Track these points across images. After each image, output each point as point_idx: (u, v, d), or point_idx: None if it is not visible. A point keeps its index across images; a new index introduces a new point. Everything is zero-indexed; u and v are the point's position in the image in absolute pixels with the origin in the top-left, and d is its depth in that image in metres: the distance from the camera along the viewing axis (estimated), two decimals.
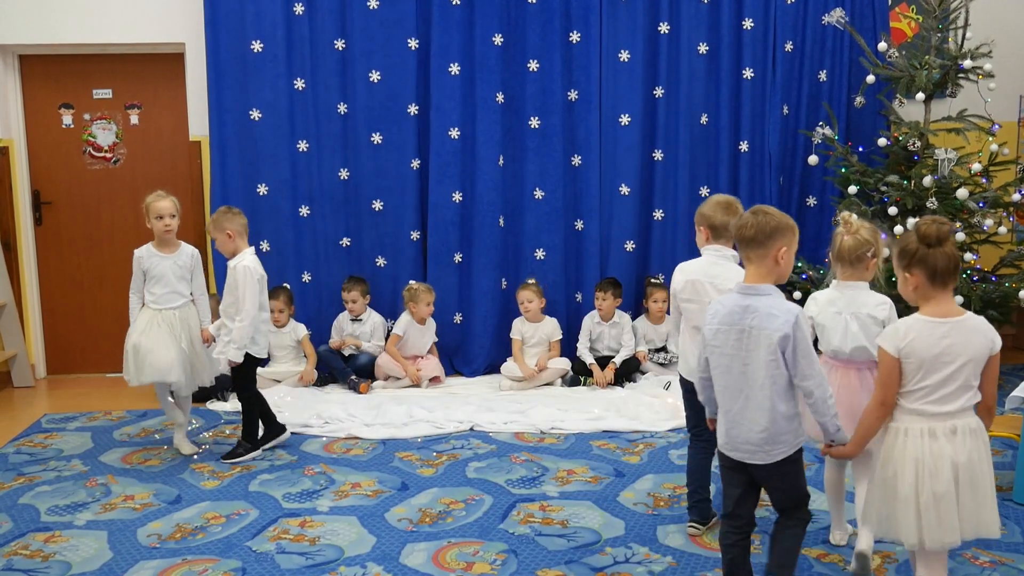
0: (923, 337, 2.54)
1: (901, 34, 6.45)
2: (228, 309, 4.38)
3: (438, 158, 5.90)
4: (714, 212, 3.32)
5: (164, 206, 4.36)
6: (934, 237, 2.53)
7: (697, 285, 3.30)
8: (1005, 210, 5.65)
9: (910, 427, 2.56)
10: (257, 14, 5.68)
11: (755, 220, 2.64)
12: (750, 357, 2.60)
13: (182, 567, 3.27)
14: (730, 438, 2.70)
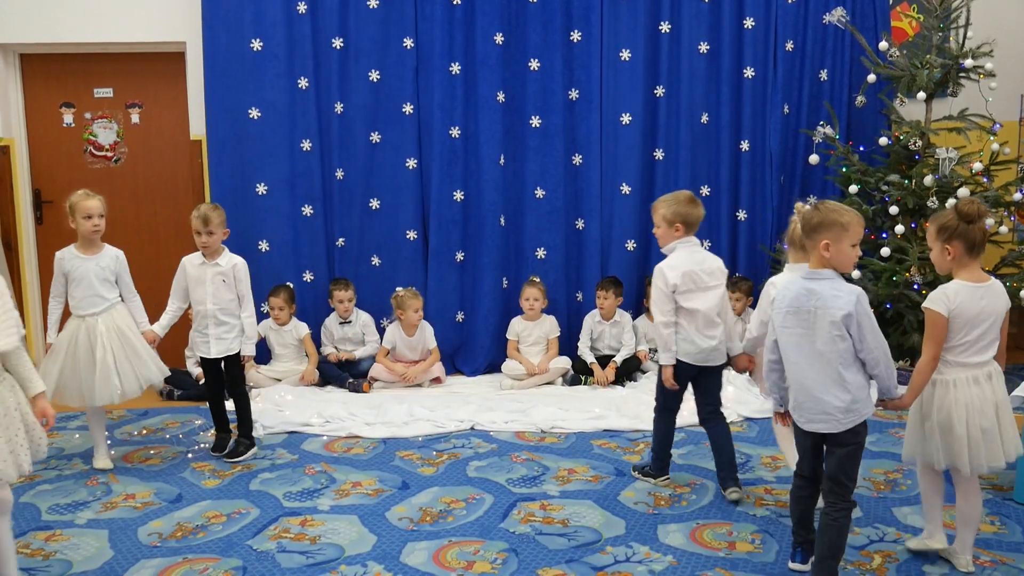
0: (967, 299, 2.99)
1: (902, 33, 6.45)
2: (228, 307, 4.38)
3: (440, 157, 5.90)
4: (690, 208, 3.77)
5: (93, 205, 4.16)
6: (974, 215, 3.00)
7: (692, 275, 3.72)
8: (1006, 209, 5.65)
9: (957, 378, 3.02)
10: (257, 13, 5.69)
11: (808, 214, 2.96)
12: (817, 335, 2.87)
13: (183, 566, 3.27)
14: (803, 410, 2.95)
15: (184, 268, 4.42)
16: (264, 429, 4.86)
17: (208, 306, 4.37)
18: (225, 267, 4.38)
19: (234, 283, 4.39)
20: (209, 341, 4.39)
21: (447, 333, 6.05)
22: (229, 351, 4.42)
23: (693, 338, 3.76)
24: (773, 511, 3.68)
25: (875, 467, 4.19)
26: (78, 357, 4.12)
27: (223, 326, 4.39)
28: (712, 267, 3.80)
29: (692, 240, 3.81)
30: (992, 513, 3.63)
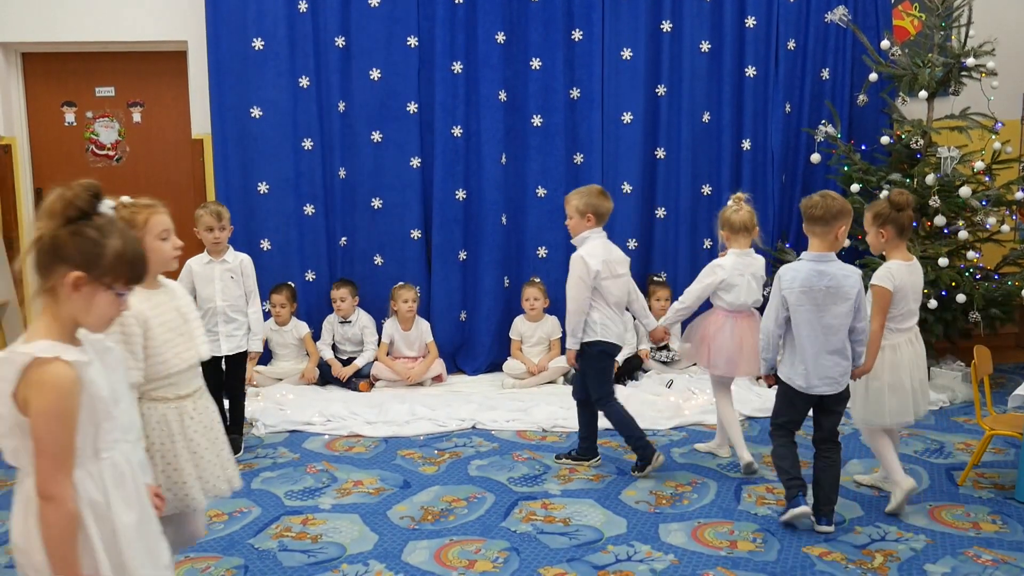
0: (905, 275, 3.56)
1: (904, 32, 6.44)
2: (237, 303, 4.40)
3: (442, 156, 5.90)
4: (600, 200, 4.07)
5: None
6: (904, 203, 3.56)
7: (608, 263, 4.01)
8: (1008, 208, 5.64)
9: (899, 341, 3.58)
10: (259, 12, 5.68)
11: (824, 203, 3.34)
12: (828, 311, 3.31)
13: (184, 564, 3.27)
14: (811, 376, 3.35)
15: (190, 269, 4.39)
16: (265, 428, 4.86)
17: (218, 303, 4.36)
18: (233, 264, 4.41)
19: (242, 279, 4.42)
20: (219, 339, 4.37)
21: (449, 332, 6.05)
22: (239, 348, 4.43)
23: (614, 320, 4.04)
24: (775, 510, 3.68)
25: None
26: None
27: (232, 323, 4.40)
28: (620, 257, 4.12)
29: (601, 232, 4.08)
30: (993, 512, 3.63)
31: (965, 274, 5.38)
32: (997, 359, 4.66)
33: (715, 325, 4.15)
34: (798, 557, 3.25)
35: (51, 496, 1.71)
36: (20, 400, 1.71)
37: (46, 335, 1.76)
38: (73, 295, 1.75)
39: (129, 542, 1.85)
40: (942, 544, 3.35)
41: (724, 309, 4.15)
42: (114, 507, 1.84)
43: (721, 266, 4.10)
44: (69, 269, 1.74)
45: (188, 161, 6.10)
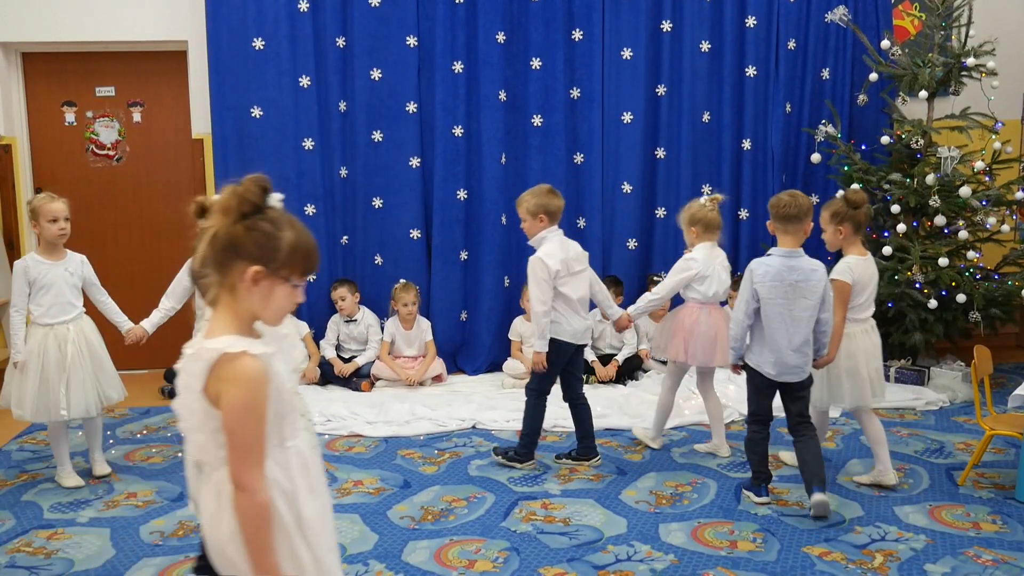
0: (862, 269, 3.80)
1: (904, 32, 6.44)
2: None
3: (442, 156, 5.90)
4: (548, 200, 4.08)
5: (59, 207, 3.94)
6: (860, 201, 3.77)
7: (566, 262, 4.03)
8: (1008, 208, 5.64)
9: (855, 330, 3.81)
10: (259, 11, 5.69)
11: (795, 201, 3.54)
12: (797, 304, 3.52)
13: (184, 564, 3.27)
14: (780, 365, 3.56)
15: (188, 266, 4.37)
16: None
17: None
18: None
19: None
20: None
21: (450, 332, 6.06)
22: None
23: (570, 320, 4.06)
24: (775, 510, 3.69)
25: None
26: (51, 368, 3.90)
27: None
28: (578, 252, 4.14)
29: (558, 230, 4.10)
30: (993, 512, 3.63)
31: (965, 274, 5.39)
32: (997, 359, 4.67)
33: (691, 318, 4.26)
34: (798, 557, 3.25)
35: (244, 487, 1.74)
36: (211, 395, 1.74)
37: (228, 330, 1.78)
38: (253, 289, 1.77)
39: (315, 530, 1.87)
40: (942, 544, 3.35)
41: (697, 301, 4.27)
42: (300, 496, 1.86)
43: (695, 259, 4.24)
44: (247, 264, 1.76)
45: (188, 161, 6.10)
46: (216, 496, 1.80)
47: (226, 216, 1.76)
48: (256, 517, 1.75)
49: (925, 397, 5.24)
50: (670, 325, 4.37)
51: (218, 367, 1.73)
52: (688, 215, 4.28)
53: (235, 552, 1.78)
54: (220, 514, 1.79)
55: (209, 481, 1.82)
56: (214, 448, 1.78)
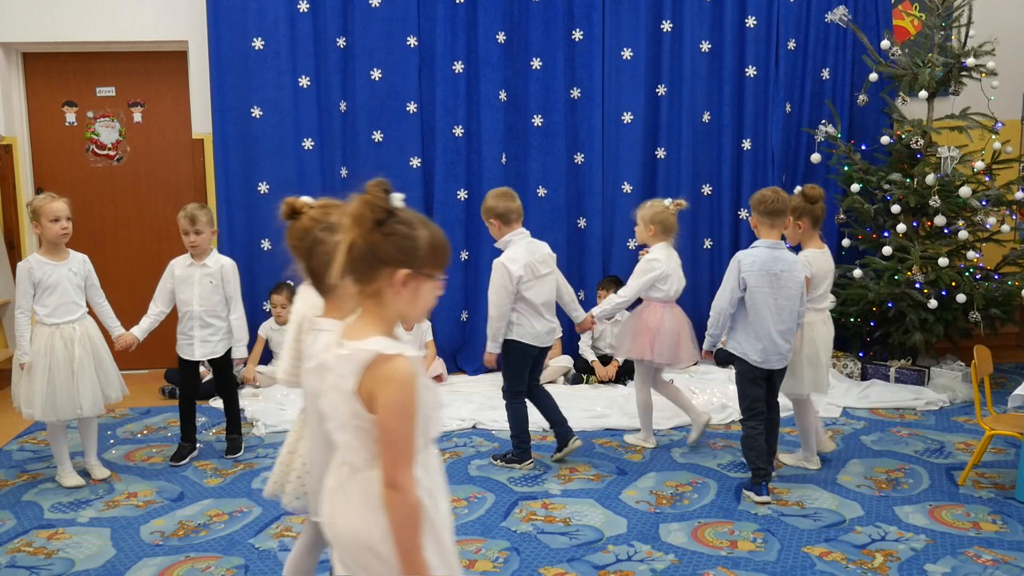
0: (820, 262, 4.01)
1: (904, 32, 6.44)
2: (215, 309, 4.27)
3: (443, 156, 5.91)
4: (496, 202, 4.07)
5: (60, 207, 3.94)
6: (817, 196, 3.98)
7: (531, 266, 4.07)
8: (1008, 208, 5.64)
9: (813, 320, 3.99)
10: (259, 11, 5.69)
11: (778, 197, 3.70)
12: (781, 292, 3.68)
13: (185, 564, 3.28)
14: (767, 354, 3.72)
15: (172, 270, 4.30)
16: (266, 428, 4.86)
17: (195, 307, 4.25)
18: (213, 268, 4.26)
19: (222, 284, 4.28)
20: (193, 343, 4.28)
21: (451, 332, 6.06)
22: (213, 354, 4.33)
23: (533, 323, 4.12)
24: (775, 510, 3.69)
25: (878, 466, 4.19)
26: (59, 367, 3.92)
27: (208, 328, 4.29)
28: (544, 254, 4.16)
29: (524, 232, 4.13)
30: (993, 512, 3.63)
31: (965, 274, 5.39)
32: (997, 359, 4.67)
33: (655, 317, 4.35)
34: (798, 557, 3.25)
35: (398, 486, 1.74)
36: (363, 395, 1.74)
37: (375, 333, 1.77)
38: (401, 292, 1.77)
39: (447, 528, 1.89)
40: (942, 544, 3.35)
41: (660, 300, 4.37)
42: (436, 495, 1.88)
43: (658, 260, 4.34)
44: (392, 269, 1.75)
45: (189, 161, 6.10)
46: (364, 496, 1.80)
47: (360, 226, 1.75)
48: (409, 516, 1.76)
49: (925, 397, 5.24)
50: (633, 325, 4.43)
51: (373, 368, 1.73)
52: (651, 213, 4.35)
53: (386, 551, 1.78)
54: (369, 514, 1.79)
55: (353, 481, 1.82)
56: (360, 448, 1.79)
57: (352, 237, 1.75)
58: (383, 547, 1.78)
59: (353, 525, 1.82)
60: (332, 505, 1.86)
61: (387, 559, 1.78)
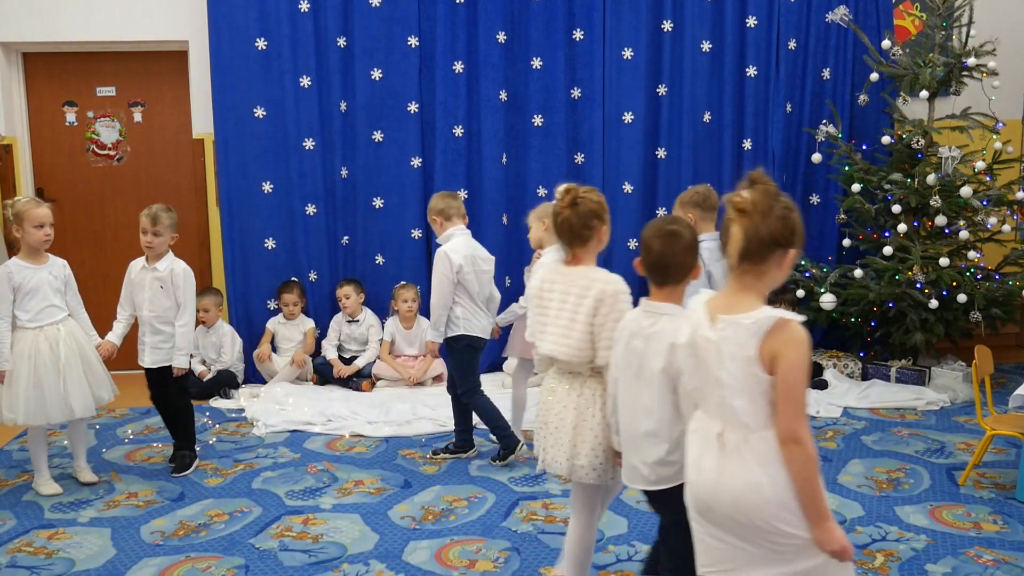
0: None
1: (905, 32, 6.43)
2: (165, 315, 4.13)
3: (443, 156, 5.90)
4: (438, 202, 4.25)
5: (45, 213, 3.88)
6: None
7: (472, 259, 4.17)
8: (1009, 208, 5.64)
9: None
10: (260, 11, 5.69)
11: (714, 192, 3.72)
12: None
13: (185, 564, 3.28)
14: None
15: (129, 273, 4.22)
16: (266, 428, 4.86)
17: (144, 313, 4.13)
18: (163, 272, 4.12)
19: (172, 289, 4.13)
20: (144, 349, 4.15)
21: None
22: (164, 362, 4.16)
23: (479, 316, 4.22)
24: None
25: (878, 466, 4.19)
26: (46, 369, 3.86)
27: (159, 335, 4.14)
28: (485, 255, 4.31)
29: (466, 231, 4.27)
30: (994, 512, 3.63)
31: (966, 274, 5.38)
32: (998, 359, 4.67)
33: None
34: None
35: (799, 440, 1.89)
36: (765, 359, 1.91)
37: (758, 304, 1.97)
38: (784, 269, 2.00)
39: None
40: (943, 544, 3.35)
41: None
42: None
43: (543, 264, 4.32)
44: (785, 250, 1.97)
45: (189, 161, 6.10)
46: (762, 454, 1.94)
47: (765, 216, 1.97)
48: (811, 466, 1.91)
49: (926, 397, 5.24)
50: (522, 326, 4.45)
51: (775, 332, 1.90)
52: (540, 211, 4.33)
53: (793, 502, 1.92)
54: (770, 469, 1.93)
55: (747, 445, 1.95)
56: (754, 411, 1.94)
57: (755, 224, 1.97)
58: (789, 498, 1.92)
59: (754, 483, 1.93)
60: (719, 470, 1.98)
61: (795, 509, 1.92)
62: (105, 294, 6.16)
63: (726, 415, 1.98)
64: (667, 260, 2.41)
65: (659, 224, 2.49)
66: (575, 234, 2.72)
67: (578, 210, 2.71)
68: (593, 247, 2.75)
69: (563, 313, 2.69)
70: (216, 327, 5.70)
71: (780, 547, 1.95)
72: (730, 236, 2.00)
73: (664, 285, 2.42)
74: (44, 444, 4.08)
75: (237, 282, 5.88)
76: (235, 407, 5.30)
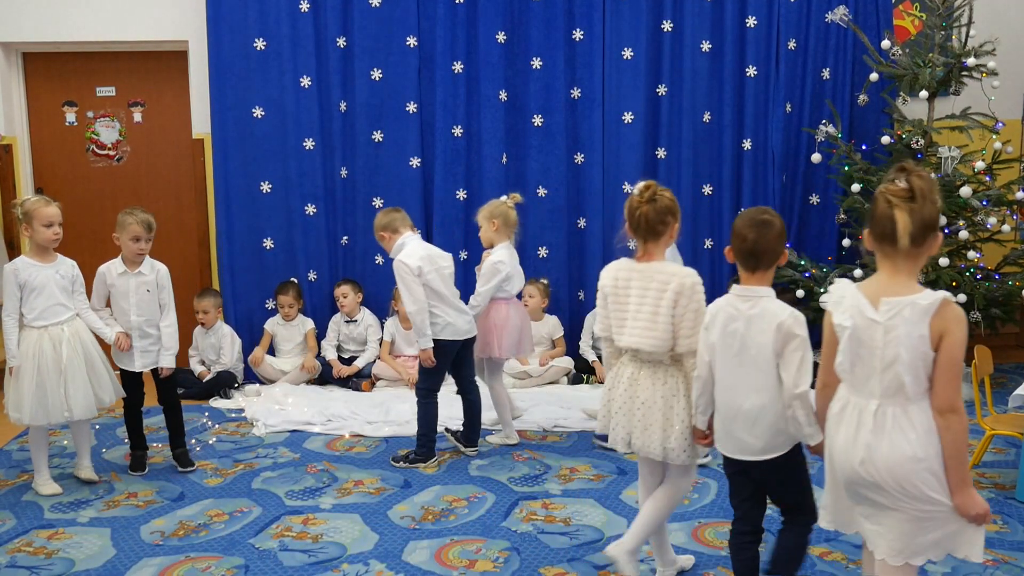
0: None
1: (905, 32, 6.43)
2: (153, 317, 4.15)
3: (443, 156, 5.91)
4: (382, 218, 4.32)
5: (54, 212, 3.89)
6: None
7: (430, 258, 4.23)
8: (1009, 208, 5.64)
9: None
10: (260, 11, 5.69)
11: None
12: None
13: (185, 564, 3.28)
14: None
15: (103, 278, 4.14)
16: (266, 428, 4.86)
17: (132, 319, 4.11)
18: (149, 276, 4.13)
19: (157, 291, 4.15)
20: (133, 354, 4.13)
21: None
22: (155, 364, 4.18)
23: (454, 318, 4.24)
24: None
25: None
26: (48, 369, 3.88)
27: (148, 338, 4.15)
28: (442, 253, 4.37)
29: (415, 235, 4.35)
30: (994, 512, 3.62)
31: (966, 274, 5.38)
32: (998, 359, 4.67)
33: (502, 315, 4.50)
34: None
35: (957, 410, 2.13)
36: (934, 336, 2.11)
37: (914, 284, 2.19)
38: (936, 249, 2.21)
39: None
40: None
41: (504, 299, 4.52)
42: None
43: (503, 261, 4.46)
44: (936, 233, 2.17)
45: (189, 161, 6.10)
46: (919, 424, 2.16)
47: (928, 202, 2.16)
48: (965, 435, 2.15)
49: None
50: (480, 325, 4.49)
51: (942, 312, 2.11)
52: (489, 209, 4.48)
53: (940, 468, 2.14)
54: (926, 438, 2.15)
55: (905, 415, 2.17)
56: (916, 385, 2.15)
57: (921, 209, 2.14)
58: (938, 465, 2.14)
59: (912, 453, 2.14)
60: (877, 444, 2.18)
61: (942, 477, 2.14)
62: None
63: (887, 391, 2.18)
64: (760, 247, 2.58)
65: (751, 214, 2.66)
66: (650, 228, 2.86)
67: (655, 206, 2.85)
68: (664, 243, 2.89)
69: (644, 307, 2.84)
70: (215, 328, 5.70)
71: (925, 513, 2.16)
72: (895, 223, 2.15)
73: (757, 270, 2.61)
74: (45, 444, 4.08)
75: (236, 282, 5.88)
76: (235, 407, 5.30)
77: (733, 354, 2.60)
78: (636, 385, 2.89)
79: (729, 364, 2.62)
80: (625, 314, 2.90)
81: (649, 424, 2.85)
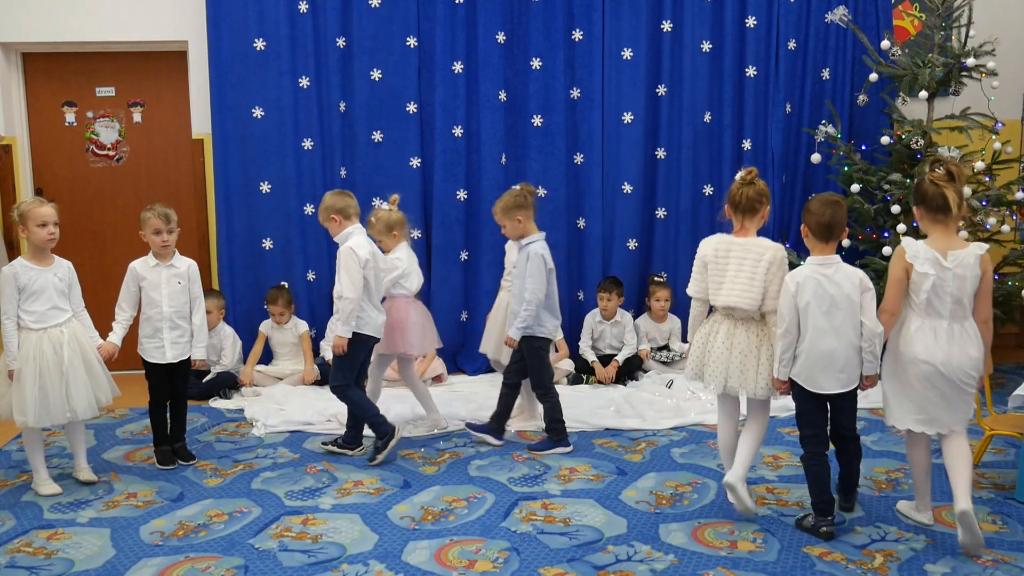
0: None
1: (904, 32, 6.44)
2: (183, 310, 4.27)
3: (443, 156, 5.91)
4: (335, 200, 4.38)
5: (48, 212, 3.89)
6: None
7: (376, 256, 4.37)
8: (1008, 208, 5.64)
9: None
10: (259, 12, 5.70)
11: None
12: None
13: (184, 564, 3.28)
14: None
15: (135, 272, 4.24)
16: (265, 428, 4.86)
17: (164, 310, 4.19)
18: (181, 269, 4.27)
19: (188, 285, 4.27)
20: (164, 346, 4.21)
21: (450, 332, 6.05)
22: (183, 355, 4.28)
23: (375, 315, 4.35)
24: (775, 510, 3.68)
25: (877, 466, 4.19)
26: (49, 371, 3.88)
27: (177, 329, 4.24)
28: (384, 256, 4.55)
29: (361, 229, 4.41)
30: (993, 512, 3.63)
31: None
32: (997, 359, 4.66)
33: (403, 312, 4.62)
34: (798, 557, 3.25)
35: (989, 320, 3.27)
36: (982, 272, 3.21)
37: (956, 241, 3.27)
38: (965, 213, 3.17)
39: None
40: (942, 544, 3.35)
41: (405, 296, 4.66)
42: None
43: (400, 258, 4.64)
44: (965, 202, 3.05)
45: (188, 161, 6.10)
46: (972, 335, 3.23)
47: (960, 181, 3.21)
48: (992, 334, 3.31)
49: None
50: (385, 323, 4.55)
51: (984, 257, 3.21)
52: (382, 221, 4.65)
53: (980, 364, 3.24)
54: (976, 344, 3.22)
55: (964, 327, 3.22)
56: (968, 307, 3.23)
57: (961, 188, 3.20)
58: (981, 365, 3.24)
59: (971, 353, 3.20)
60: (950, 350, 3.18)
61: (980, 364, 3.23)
62: (105, 294, 6.16)
63: (955, 313, 3.19)
64: (835, 220, 3.31)
65: (824, 196, 3.40)
66: (749, 206, 3.49)
67: (756, 187, 3.51)
68: (757, 220, 3.52)
69: (742, 273, 3.43)
70: (217, 329, 5.69)
71: (968, 394, 3.22)
72: (947, 198, 3.15)
73: (830, 240, 3.33)
74: (40, 445, 4.07)
75: (235, 282, 5.88)
76: (234, 407, 5.30)
77: (823, 311, 3.26)
78: (733, 337, 3.47)
79: (819, 318, 3.27)
80: (723, 278, 3.46)
81: (746, 368, 3.44)
